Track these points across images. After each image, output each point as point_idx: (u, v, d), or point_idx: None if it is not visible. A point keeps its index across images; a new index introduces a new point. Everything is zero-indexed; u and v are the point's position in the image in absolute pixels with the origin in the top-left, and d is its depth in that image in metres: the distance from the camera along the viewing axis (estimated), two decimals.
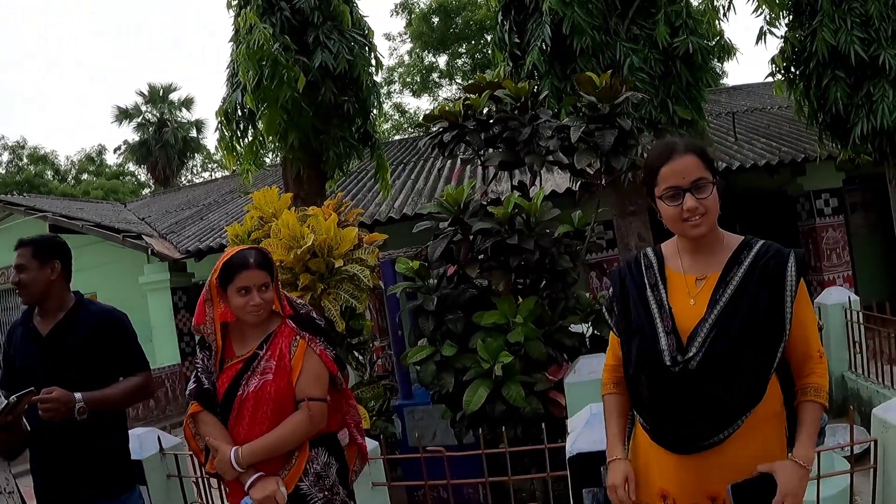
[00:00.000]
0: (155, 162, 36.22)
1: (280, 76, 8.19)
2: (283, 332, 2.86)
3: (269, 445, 2.74)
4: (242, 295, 2.77)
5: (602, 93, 4.33)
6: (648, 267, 2.34)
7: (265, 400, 2.76)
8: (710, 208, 2.15)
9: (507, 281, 4.30)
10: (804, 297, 2.18)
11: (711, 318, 2.13)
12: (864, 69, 8.53)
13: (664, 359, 2.15)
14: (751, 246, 2.22)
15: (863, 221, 13.50)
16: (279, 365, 2.80)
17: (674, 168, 2.17)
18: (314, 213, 6.15)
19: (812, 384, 2.17)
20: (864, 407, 6.38)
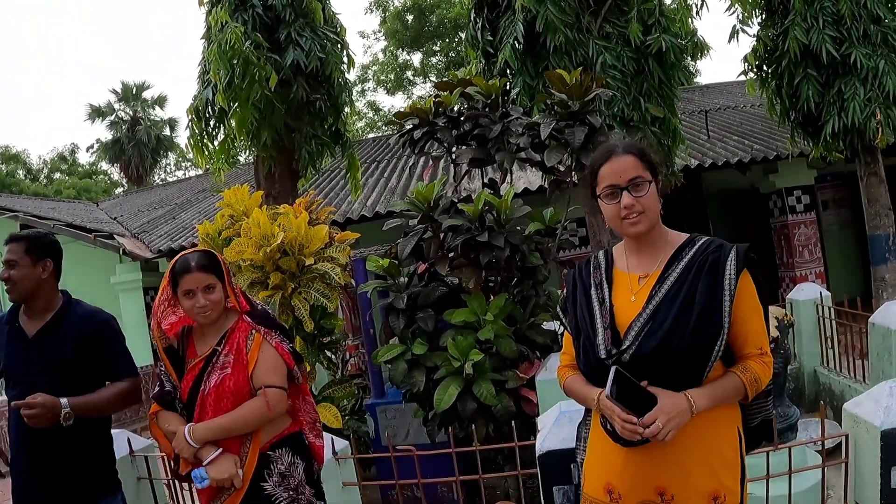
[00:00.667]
0: (128, 160, 35.95)
1: (252, 75, 8.12)
2: (240, 328, 2.94)
3: (223, 424, 2.80)
4: (188, 298, 2.85)
5: (572, 90, 4.31)
6: (597, 268, 2.40)
7: (225, 394, 2.83)
8: (648, 206, 2.20)
9: (477, 278, 4.27)
10: (747, 293, 2.19)
11: (646, 312, 2.17)
12: (836, 67, 8.64)
13: (600, 352, 2.20)
14: (693, 243, 2.27)
15: (835, 218, 13.62)
16: (237, 359, 2.87)
17: (612, 167, 2.24)
18: (285, 212, 6.11)
19: (744, 365, 2.19)
20: (836, 401, 6.47)
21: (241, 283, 5.86)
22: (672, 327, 2.10)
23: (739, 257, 2.16)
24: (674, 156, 8.58)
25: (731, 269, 2.14)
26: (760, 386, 2.18)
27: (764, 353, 2.20)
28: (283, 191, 9.07)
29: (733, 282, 2.13)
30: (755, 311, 2.21)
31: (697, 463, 2.14)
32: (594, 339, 2.23)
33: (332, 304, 5.63)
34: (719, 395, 2.14)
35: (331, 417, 5.60)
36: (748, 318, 2.18)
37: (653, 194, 2.22)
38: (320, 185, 14.35)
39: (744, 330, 2.18)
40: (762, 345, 2.21)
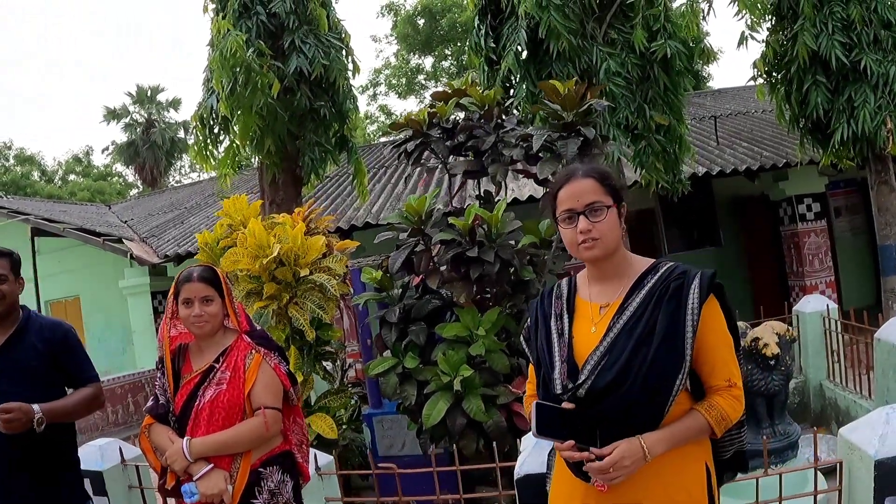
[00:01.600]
0: (143, 163, 36.31)
1: (254, 83, 8.11)
2: (238, 347, 3.00)
3: (221, 441, 2.86)
4: (186, 307, 2.92)
5: (566, 100, 4.23)
6: (559, 297, 2.31)
7: (219, 409, 2.88)
8: (605, 232, 2.12)
9: (468, 292, 4.20)
10: (714, 322, 2.09)
11: (604, 344, 2.08)
12: (846, 74, 8.49)
13: (555, 387, 2.11)
14: (656, 270, 2.17)
15: (848, 225, 13.44)
16: (233, 376, 2.93)
17: (570, 191, 2.17)
18: (282, 222, 6.07)
19: (710, 402, 2.09)
20: (841, 417, 6.31)
21: (237, 293, 5.83)
22: (629, 359, 2.01)
23: (703, 284, 2.07)
24: (680, 164, 8.48)
25: (694, 297, 2.05)
26: (729, 422, 2.09)
27: (732, 386, 2.09)
28: (286, 198, 9.05)
29: (696, 310, 2.04)
30: (723, 341, 2.11)
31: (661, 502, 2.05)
32: (551, 372, 2.15)
33: (328, 315, 5.58)
34: (679, 437, 2.04)
35: (326, 428, 5.55)
36: (715, 347, 2.09)
37: (611, 220, 2.14)
38: (328, 191, 14.31)
39: (711, 360, 2.08)
40: (731, 376, 2.09)
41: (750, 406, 4.91)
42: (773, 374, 4.79)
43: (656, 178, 7.88)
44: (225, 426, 2.88)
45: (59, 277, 15.61)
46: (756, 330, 4.93)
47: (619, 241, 2.17)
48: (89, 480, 4.00)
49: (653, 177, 7.84)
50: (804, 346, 7.07)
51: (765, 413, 4.82)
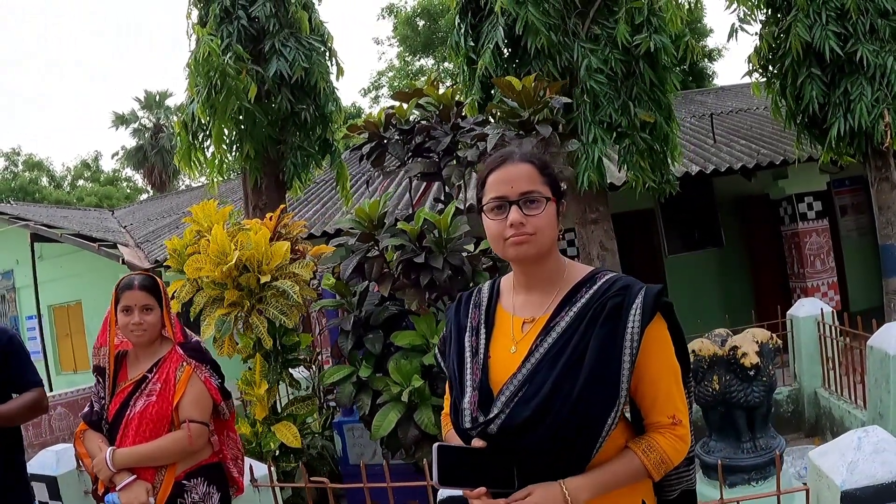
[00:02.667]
0: (151, 167, 36.65)
1: (229, 87, 7.96)
2: (171, 358, 3.03)
3: (144, 453, 2.88)
4: (125, 314, 2.95)
5: (523, 97, 4.02)
6: (477, 306, 1.97)
7: (147, 420, 2.91)
8: (540, 228, 1.78)
9: (420, 299, 4.00)
10: (658, 347, 1.78)
11: (523, 371, 1.76)
12: (841, 66, 8.16)
13: (464, 419, 1.79)
14: (594, 281, 1.84)
15: (853, 224, 13.07)
16: (164, 388, 2.96)
17: (503, 176, 1.83)
18: (250, 227, 5.91)
19: (650, 443, 1.78)
20: (836, 427, 6.06)
21: (200, 300, 5.68)
22: (552, 393, 1.69)
23: (647, 303, 1.74)
24: (669, 163, 8.22)
25: (634, 320, 1.72)
26: (670, 466, 1.79)
27: (677, 424, 1.78)
28: (269, 202, 8.87)
29: (636, 334, 1.71)
30: (667, 370, 1.79)
31: None
32: (461, 400, 1.83)
33: (290, 321, 5.42)
34: (610, 483, 1.74)
35: (290, 437, 5.40)
36: (658, 378, 1.77)
37: (549, 215, 1.79)
38: (319, 194, 14.14)
39: (652, 393, 1.77)
40: (675, 412, 1.78)
41: (729, 419, 4.67)
42: (754, 386, 4.53)
43: (643, 178, 7.62)
44: (151, 437, 2.90)
45: (61, 282, 15.67)
46: (735, 338, 4.67)
47: (555, 242, 1.85)
48: (45, 485, 4.03)
49: (639, 176, 7.58)
50: (798, 352, 6.80)
51: (745, 426, 4.58)
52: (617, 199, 9.44)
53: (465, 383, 1.85)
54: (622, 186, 8.81)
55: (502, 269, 4.50)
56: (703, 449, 4.66)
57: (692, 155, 11.16)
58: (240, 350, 5.78)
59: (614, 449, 1.77)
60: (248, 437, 5.51)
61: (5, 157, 39.27)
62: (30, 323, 16.58)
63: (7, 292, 18.17)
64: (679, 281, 12.13)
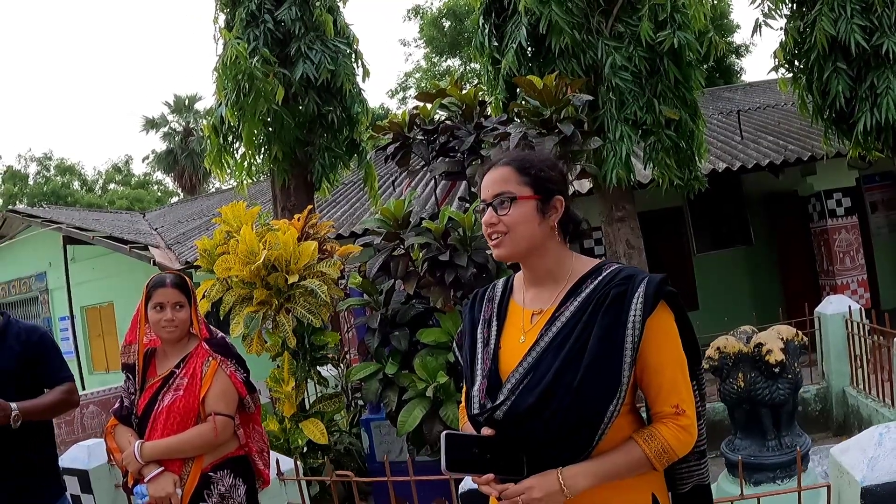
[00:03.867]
0: (182, 170, 36.94)
1: (257, 90, 8.07)
2: (198, 353, 3.10)
3: (171, 445, 2.96)
4: (157, 311, 3.03)
5: (544, 96, 4.06)
6: (491, 300, 2.06)
7: (174, 414, 3.00)
8: (512, 226, 1.87)
9: (445, 297, 4.06)
10: (663, 336, 1.80)
11: (528, 360, 1.82)
12: (867, 59, 8.07)
13: (473, 406, 1.88)
14: (599, 272, 1.89)
15: (884, 220, 12.88)
16: (190, 383, 3.03)
17: (483, 182, 1.96)
18: (279, 228, 6.02)
19: (651, 431, 1.80)
20: (864, 426, 5.98)
21: (229, 299, 5.80)
22: (555, 380, 1.74)
23: (650, 292, 1.76)
24: (700, 159, 8.20)
25: (637, 307, 1.75)
26: (673, 456, 1.79)
27: (680, 414, 1.79)
28: (298, 204, 8.96)
29: (639, 322, 1.75)
30: (672, 359, 1.81)
31: None
32: (471, 388, 1.91)
33: (317, 321, 5.51)
34: (610, 472, 1.75)
35: (317, 433, 5.50)
36: (662, 367, 1.79)
37: (521, 213, 1.86)
38: (347, 195, 14.26)
39: (656, 382, 1.80)
40: (679, 401, 1.79)
41: (754, 417, 4.65)
42: (779, 383, 4.50)
43: (668, 176, 7.61)
44: (179, 431, 2.98)
45: (93, 284, 15.91)
46: (760, 335, 4.66)
47: (536, 238, 1.89)
48: (77, 479, 4.18)
49: (665, 174, 7.57)
50: (826, 350, 6.77)
51: (770, 424, 4.55)
52: (646, 198, 9.42)
53: (476, 372, 1.93)
54: (649, 185, 8.80)
55: None
56: (728, 447, 4.66)
57: (719, 152, 11.10)
58: (268, 348, 5.89)
59: (621, 440, 1.79)
60: (276, 433, 5.61)
61: (37, 162, 39.86)
62: (62, 324, 16.86)
63: (41, 294, 18.49)
64: (708, 279, 12.07)
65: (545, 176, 1.94)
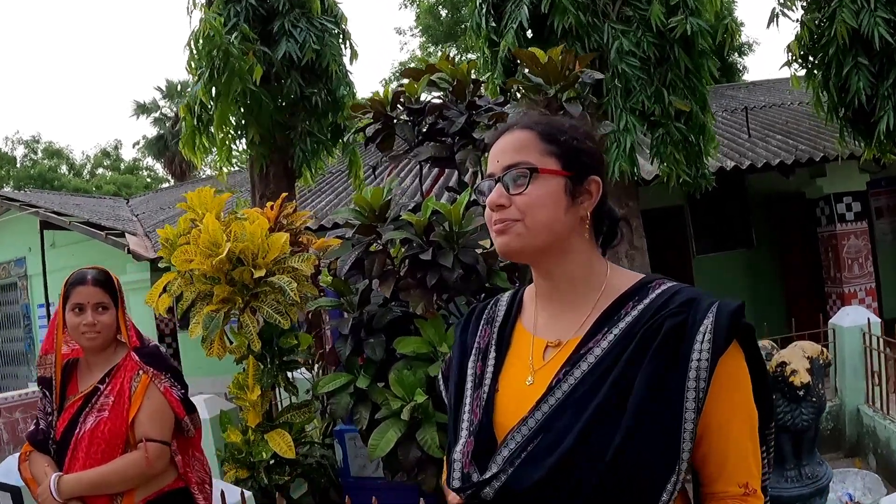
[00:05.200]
0: (172, 157, 36.63)
1: (232, 68, 7.47)
2: (126, 366, 2.65)
3: (94, 479, 2.50)
4: (76, 314, 2.59)
5: (548, 71, 3.50)
6: (490, 321, 1.49)
7: (98, 440, 2.53)
8: (526, 210, 1.32)
9: (427, 302, 3.49)
10: (735, 388, 1.26)
11: (538, 414, 1.27)
12: (891, 55, 7.57)
13: (453, 476, 1.31)
14: (645, 292, 1.33)
15: (889, 227, 12.47)
16: (117, 402, 2.57)
17: (494, 150, 1.39)
18: (246, 217, 5.46)
19: None
20: (881, 449, 5.59)
21: (190, 295, 5.23)
22: (577, 446, 1.20)
23: (721, 325, 1.22)
24: (705, 156, 7.67)
25: (703, 347, 1.22)
26: None
27: (750, 494, 1.27)
28: (277, 192, 8.35)
29: (705, 369, 1.21)
30: (744, 420, 1.28)
31: None
32: (453, 446, 1.36)
33: (286, 322, 4.94)
34: None
35: (284, 446, 4.95)
36: (729, 431, 1.26)
37: (543, 193, 1.32)
38: (333, 185, 13.67)
39: (721, 452, 1.26)
40: (750, 478, 1.27)
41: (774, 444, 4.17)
42: (803, 407, 3.99)
43: (676, 172, 7.08)
44: (104, 460, 2.51)
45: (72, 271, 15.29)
46: (783, 353, 4.11)
47: (560, 229, 1.34)
48: (10, 495, 3.69)
49: (672, 169, 7.04)
50: (840, 365, 6.26)
51: (790, 452, 4.06)
52: (645, 195, 8.91)
53: (460, 424, 1.39)
54: (653, 181, 8.28)
55: (523, 268, 3.98)
56: None
57: (726, 150, 10.57)
58: (233, 350, 5.32)
59: None
60: (238, 445, 5.07)
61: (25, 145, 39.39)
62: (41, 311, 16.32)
63: (20, 280, 18.02)
64: (706, 282, 11.60)
65: (579, 147, 1.38)
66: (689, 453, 1.21)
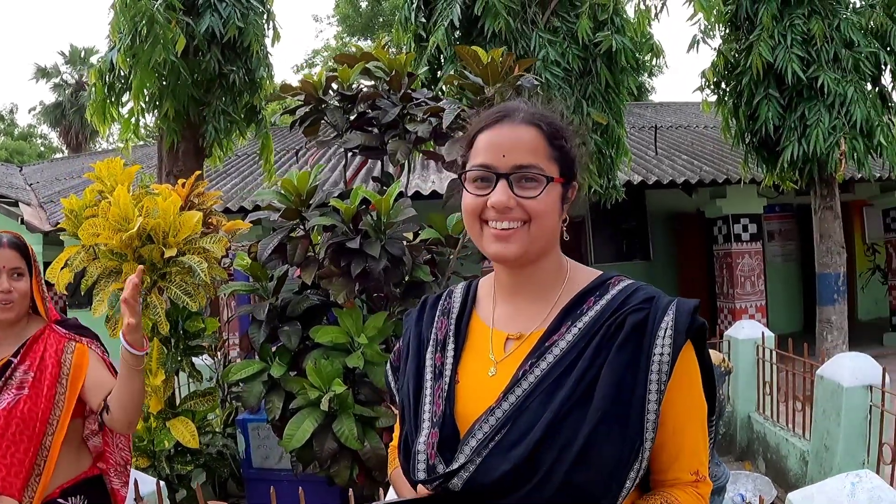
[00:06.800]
0: (69, 126, 35.13)
1: (155, 35, 7.16)
2: (46, 339, 2.41)
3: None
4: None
5: (489, 71, 3.51)
6: (446, 313, 1.48)
7: (16, 420, 2.27)
8: (537, 215, 1.30)
9: (349, 291, 3.44)
10: (689, 382, 1.30)
11: (505, 405, 1.26)
12: (801, 90, 8.03)
13: (417, 469, 1.29)
14: (605, 288, 1.36)
15: (779, 250, 13.19)
16: (38, 378, 2.33)
17: (496, 138, 1.33)
18: (159, 193, 5.26)
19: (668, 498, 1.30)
20: (770, 454, 5.91)
21: (95, 271, 5.00)
22: (546, 438, 1.21)
23: (681, 322, 1.27)
24: (616, 168, 7.89)
25: (664, 343, 1.25)
26: None
27: (700, 481, 1.32)
28: (185, 170, 8.08)
29: (667, 363, 1.24)
30: (696, 413, 1.33)
31: None
32: (415, 437, 1.33)
33: (195, 304, 4.78)
34: None
35: (187, 435, 4.76)
36: (685, 423, 1.30)
37: (551, 200, 1.31)
38: (239, 167, 13.32)
39: (675, 443, 1.29)
40: (700, 466, 1.32)
41: None
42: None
43: (588, 182, 7.25)
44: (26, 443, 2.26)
45: None
46: None
47: (556, 237, 1.36)
48: None
49: (584, 180, 7.20)
50: (735, 375, 6.56)
51: None
52: None
53: (421, 415, 1.35)
54: None
55: (441, 262, 3.98)
56: None
57: (634, 165, 10.91)
58: None
59: None
60: (140, 433, 4.87)
61: None
62: None
63: None
64: None
65: (574, 154, 1.39)
66: (652, 442, 1.24)
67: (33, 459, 2.29)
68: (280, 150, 12.84)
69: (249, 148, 13.11)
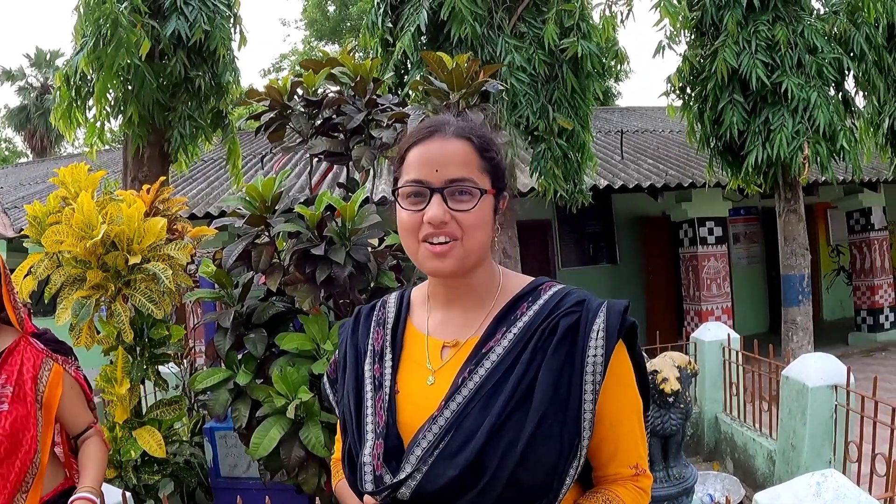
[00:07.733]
0: (33, 130, 34.61)
1: (119, 39, 7.08)
2: (21, 351, 2.29)
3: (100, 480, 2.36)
4: None
5: (454, 77, 3.53)
6: (381, 323, 1.50)
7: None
8: (470, 229, 1.32)
9: (314, 297, 3.44)
10: (621, 380, 1.35)
11: (447, 413, 1.29)
12: (765, 96, 8.17)
13: (364, 480, 1.31)
14: (538, 294, 1.40)
15: (744, 253, 13.38)
16: (18, 393, 2.22)
17: (427, 153, 1.35)
18: (123, 199, 5.21)
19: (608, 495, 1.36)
20: (738, 454, 5.99)
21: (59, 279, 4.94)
22: (489, 442, 1.24)
23: (612, 323, 1.31)
24: (582, 173, 7.95)
25: (597, 344, 1.29)
26: None
27: (640, 474, 1.39)
28: (150, 175, 8.01)
29: (601, 364, 1.29)
30: (632, 409, 1.38)
31: None
32: (359, 449, 1.35)
33: (160, 312, 4.73)
34: None
35: (154, 445, 4.70)
36: (621, 419, 1.35)
37: (484, 212, 1.33)
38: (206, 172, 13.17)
39: (613, 438, 1.35)
40: (640, 459, 1.39)
41: None
42: (672, 413, 4.30)
43: (554, 186, 7.31)
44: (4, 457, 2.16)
45: None
46: (654, 362, 4.37)
47: (488, 248, 1.39)
48: None
49: (551, 184, 7.27)
50: (701, 376, 6.63)
51: (659, 455, 4.30)
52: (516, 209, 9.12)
53: (364, 427, 1.37)
54: (528, 193, 8.49)
55: (406, 268, 3.99)
56: None
57: (600, 169, 11.00)
58: (101, 340, 5.04)
59: None
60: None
61: None
62: None
63: None
64: None
65: (503, 164, 1.43)
66: (589, 440, 1.29)
67: (20, 476, 2.21)
68: (247, 155, 12.74)
69: (216, 153, 13.00)
